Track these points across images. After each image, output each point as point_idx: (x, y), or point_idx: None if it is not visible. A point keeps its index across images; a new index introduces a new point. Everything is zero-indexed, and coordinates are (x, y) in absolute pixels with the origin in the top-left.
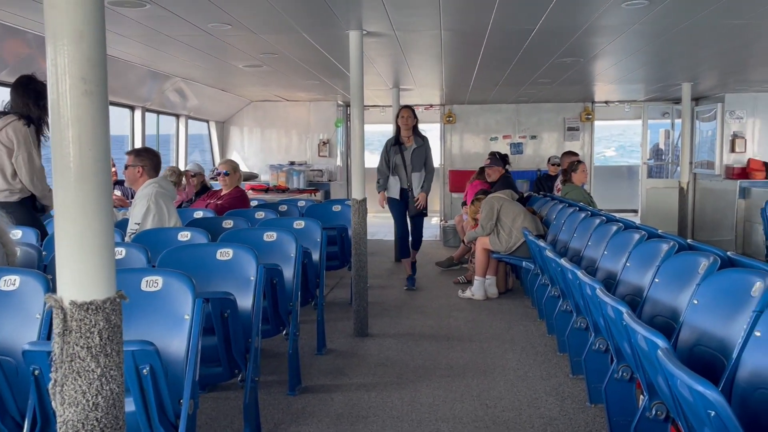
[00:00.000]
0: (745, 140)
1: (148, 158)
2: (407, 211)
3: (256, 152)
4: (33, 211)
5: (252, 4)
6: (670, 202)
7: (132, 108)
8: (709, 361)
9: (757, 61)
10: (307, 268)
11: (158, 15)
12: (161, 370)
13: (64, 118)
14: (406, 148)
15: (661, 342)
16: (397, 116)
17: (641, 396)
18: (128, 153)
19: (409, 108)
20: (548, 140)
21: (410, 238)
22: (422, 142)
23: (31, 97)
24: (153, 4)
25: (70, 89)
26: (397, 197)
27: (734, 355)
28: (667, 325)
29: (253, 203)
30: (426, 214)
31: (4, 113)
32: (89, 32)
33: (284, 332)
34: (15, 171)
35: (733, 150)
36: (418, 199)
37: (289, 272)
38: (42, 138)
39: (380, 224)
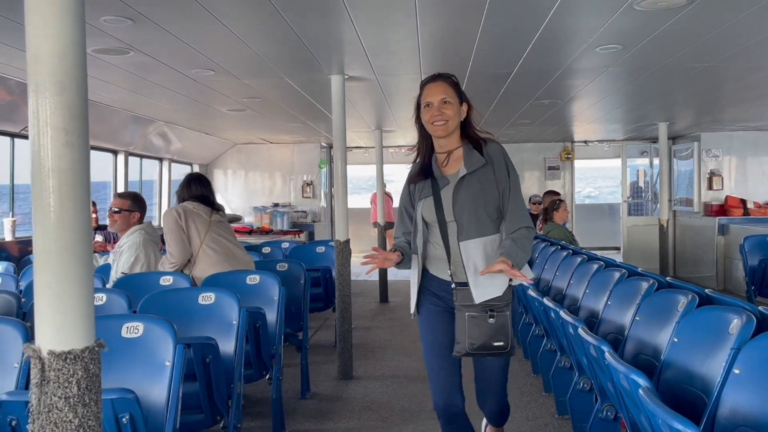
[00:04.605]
0: (722, 178)
1: (140, 203)
2: (455, 343)
3: (239, 194)
4: None
5: (235, 51)
6: (651, 240)
7: (115, 152)
8: (690, 399)
9: (729, 101)
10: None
11: (142, 61)
12: (141, 419)
13: (44, 169)
14: (446, 181)
15: (642, 381)
16: (418, 107)
17: None
18: (121, 196)
19: (445, 79)
20: (530, 179)
21: (484, 407)
22: (483, 160)
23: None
24: (136, 51)
25: (52, 140)
26: (434, 305)
27: (714, 394)
28: (649, 363)
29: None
30: (510, 350)
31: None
32: (71, 84)
33: (267, 376)
34: None
35: (710, 187)
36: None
37: (272, 315)
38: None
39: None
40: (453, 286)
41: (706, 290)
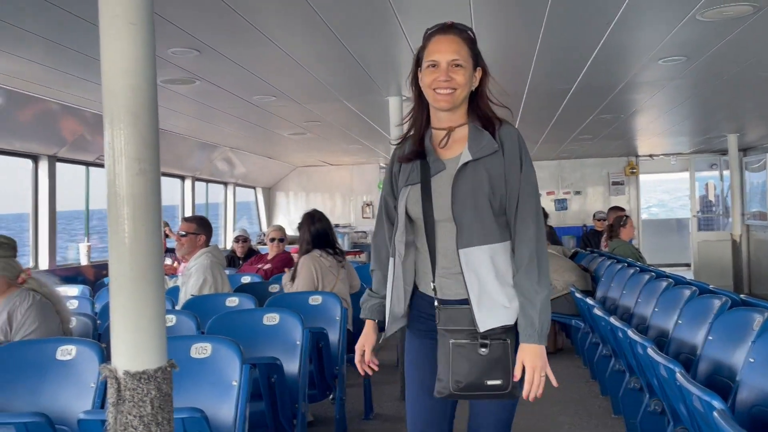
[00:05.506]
0: None
1: (206, 226)
2: (437, 379)
3: (301, 216)
4: None
5: (295, 77)
6: (723, 256)
7: (182, 178)
8: None
9: None
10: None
11: (207, 90)
12: None
13: (119, 197)
14: (441, 166)
15: (716, 403)
16: (417, 63)
17: None
18: (187, 220)
19: (459, 32)
20: (593, 195)
21: None
22: (496, 145)
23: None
24: (202, 80)
25: (126, 169)
26: (420, 330)
27: None
28: (724, 384)
29: None
30: (512, 391)
31: None
32: (144, 116)
33: (331, 397)
34: None
35: None
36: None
37: (334, 335)
38: None
39: None
40: (435, 303)
41: None
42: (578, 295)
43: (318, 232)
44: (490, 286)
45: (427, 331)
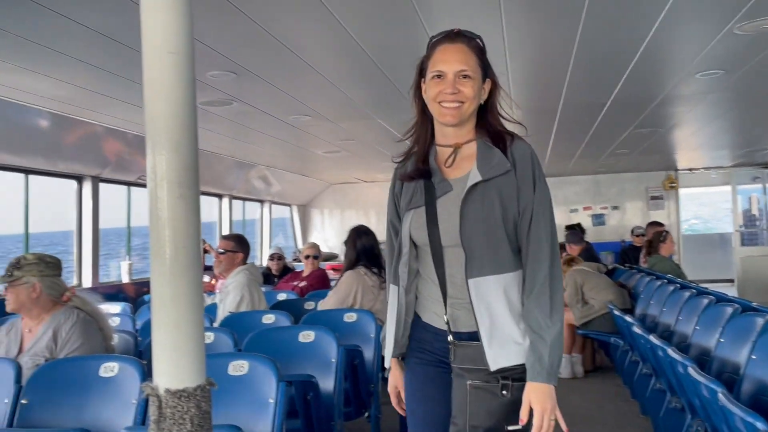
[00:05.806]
0: None
1: (244, 244)
2: (452, 422)
3: (336, 233)
4: None
5: (330, 97)
6: None
7: (220, 196)
8: None
9: None
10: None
11: (244, 111)
12: None
13: (161, 220)
14: (448, 187)
15: (760, 425)
16: (421, 73)
17: None
18: (225, 238)
19: (467, 41)
20: (631, 210)
21: None
22: (508, 164)
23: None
24: (239, 101)
25: (168, 194)
26: (423, 361)
27: None
28: None
29: (333, 283)
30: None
31: None
32: (185, 140)
33: (366, 414)
34: None
35: None
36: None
37: (369, 353)
38: None
39: None
40: (450, 338)
41: None
42: (617, 312)
43: (364, 247)
44: (501, 320)
45: (431, 360)
